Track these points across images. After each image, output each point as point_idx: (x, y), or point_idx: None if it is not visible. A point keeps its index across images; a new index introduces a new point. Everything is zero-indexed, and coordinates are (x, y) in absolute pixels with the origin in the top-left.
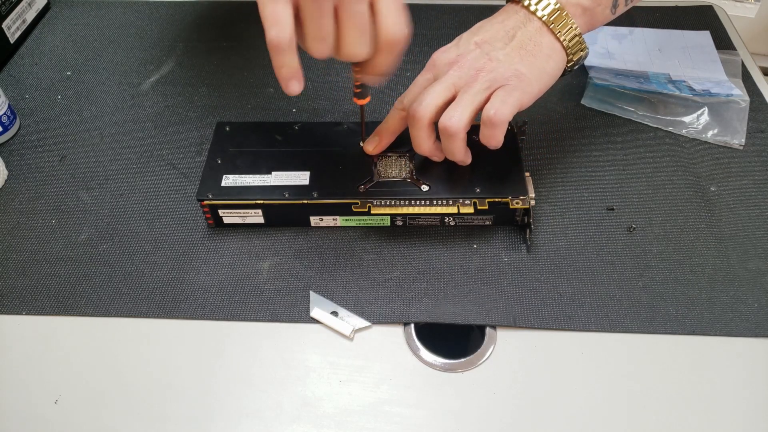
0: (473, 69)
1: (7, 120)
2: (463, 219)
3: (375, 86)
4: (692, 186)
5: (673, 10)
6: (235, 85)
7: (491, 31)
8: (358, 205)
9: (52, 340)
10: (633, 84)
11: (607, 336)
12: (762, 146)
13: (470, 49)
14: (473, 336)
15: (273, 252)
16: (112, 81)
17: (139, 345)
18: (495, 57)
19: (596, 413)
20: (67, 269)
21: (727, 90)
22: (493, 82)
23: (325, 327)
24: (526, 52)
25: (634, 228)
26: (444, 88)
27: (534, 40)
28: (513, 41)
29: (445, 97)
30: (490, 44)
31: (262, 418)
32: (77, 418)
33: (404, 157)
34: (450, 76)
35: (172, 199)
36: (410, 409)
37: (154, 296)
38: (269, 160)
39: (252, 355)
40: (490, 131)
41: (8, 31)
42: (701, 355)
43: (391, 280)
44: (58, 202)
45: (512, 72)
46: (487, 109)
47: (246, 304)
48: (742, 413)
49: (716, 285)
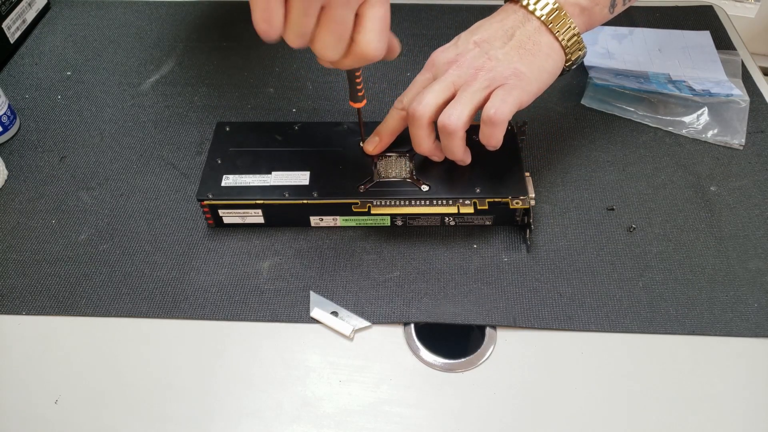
0: (472, 68)
1: (7, 120)
2: (463, 219)
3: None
4: (692, 186)
5: (673, 10)
6: (235, 85)
7: (490, 30)
8: (358, 205)
9: (52, 340)
10: (633, 84)
11: (607, 336)
12: (762, 146)
13: (469, 48)
14: (473, 336)
15: (273, 252)
16: (112, 81)
17: (139, 345)
18: (494, 56)
19: (596, 413)
20: (67, 269)
21: (727, 90)
22: (493, 81)
23: (325, 327)
24: (525, 51)
25: (634, 228)
26: (443, 87)
27: (533, 39)
28: (512, 40)
29: (444, 96)
30: (489, 43)
31: (262, 418)
32: (77, 418)
33: (404, 157)
34: (449, 75)
35: (172, 199)
36: (410, 409)
37: (154, 296)
38: (269, 160)
39: (252, 355)
40: (490, 130)
41: (8, 31)
42: (701, 355)
43: (391, 280)
44: (58, 202)
45: (511, 71)
46: (487, 108)
47: (246, 304)
48: (742, 413)
49: (716, 285)
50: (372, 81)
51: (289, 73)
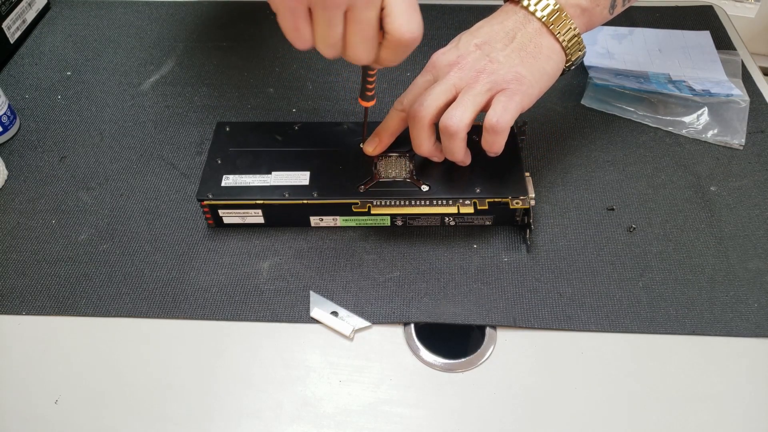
0: (474, 70)
1: (7, 120)
2: (463, 219)
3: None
4: (692, 186)
5: (673, 10)
6: (235, 85)
7: (491, 32)
8: (358, 205)
9: (52, 340)
10: (633, 84)
11: (607, 336)
12: (762, 146)
13: (470, 51)
14: (473, 336)
15: (273, 252)
16: (112, 81)
17: (139, 345)
18: (495, 58)
19: (596, 413)
20: (67, 269)
21: (727, 90)
22: (494, 85)
23: (325, 327)
24: (527, 54)
25: (634, 228)
26: (445, 89)
27: (534, 41)
28: (513, 42)
29: (446, 98)
30: (490, 45)
31: (262, 418)
32: (77, 418)
33: (404, 157)
34: (451, 77)
35: (172, 199)
36: (410, 409)
37: (154, 296)
38: (269, 160)
39: (252, 355)
40: (493, 138)
41: (8, 31)
42: (701, 355)
43: (391, 280)
44: (58, 202)
45: (513, 75)
46: (489, 116)
47: (246, 304)
48: (742, 413)
49: (716, 285)
50: None
51: (289, 73)
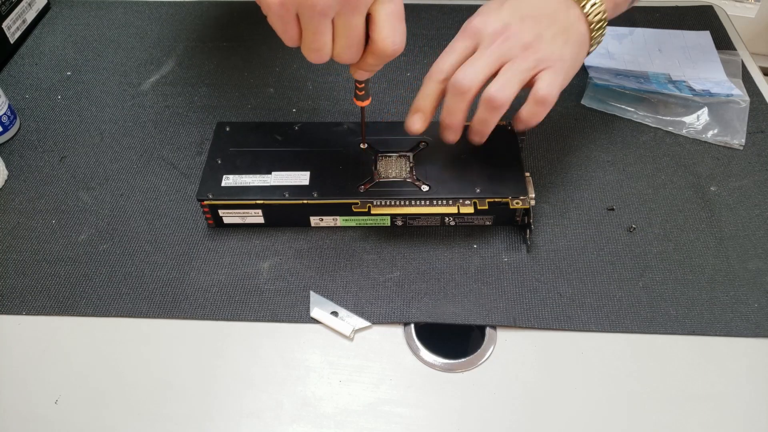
0: (521, 44)
1: (7, 120)
2: (463, 219)
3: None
4: (692, 186)
5: (673, 10)
6: (235, 85)
7: (537, 8)
8: (358, 205)
9: (52, 340)
10: (633, 84)
11: (607, 336)
12: (762, 146)
13: (516, 22)
14: (473, 336)
15: (273, 252)
16: (112, 81)
17: (139, 345)
18: (542, 36)
19: (596, 413)
20: (67, 269)
21: (727, 90)
22: (539, 63)
23: (325, 327)
24: (567, 38)
25: (634, 228)
26: (491, 60)
27: (575, 27)
28: (556, 24)
29: (491, 70)
30: (536, 21)
31: (262, 418)
32: (77, 418)
33: (404, 157)
34: (497, 48)
35: (172, 199)
36: (410, 409)
37: (154, 296)
38: (269, 160)
39: (252, 355)
40: (540, 109)
41: (8, 31)
42: (701, 355)
43: (391, 280)
44: (58, 202)
45: (558, 56)
46: (538, 88)
47: (246, 304)
48: (742, 413)
49: (716, 285)
50: (372, 81)
51: (289, 73)
